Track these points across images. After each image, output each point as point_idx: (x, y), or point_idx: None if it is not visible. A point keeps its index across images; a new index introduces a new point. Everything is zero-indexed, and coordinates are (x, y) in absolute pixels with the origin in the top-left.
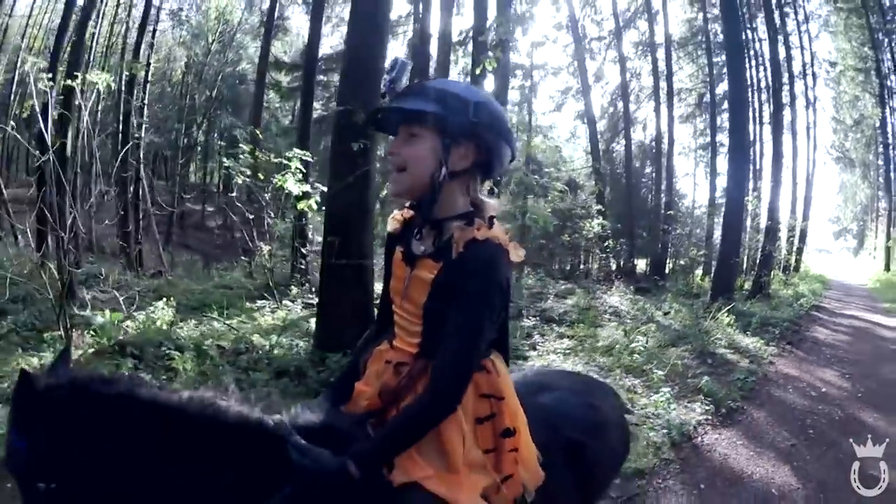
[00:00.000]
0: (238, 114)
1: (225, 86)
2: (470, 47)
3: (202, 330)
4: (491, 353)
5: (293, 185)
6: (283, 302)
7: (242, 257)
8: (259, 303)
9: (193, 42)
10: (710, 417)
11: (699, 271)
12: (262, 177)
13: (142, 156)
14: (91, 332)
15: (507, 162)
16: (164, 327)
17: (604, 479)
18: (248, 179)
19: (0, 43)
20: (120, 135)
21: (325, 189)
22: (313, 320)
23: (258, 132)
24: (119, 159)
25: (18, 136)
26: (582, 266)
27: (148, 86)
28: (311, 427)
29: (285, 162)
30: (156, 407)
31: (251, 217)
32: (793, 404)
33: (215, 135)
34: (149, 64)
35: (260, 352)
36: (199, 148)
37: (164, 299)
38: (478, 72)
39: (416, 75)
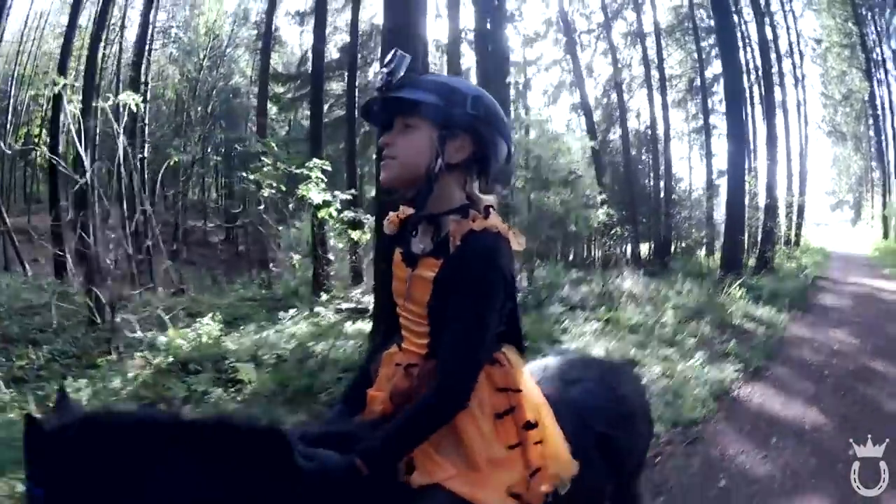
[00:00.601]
0: (233, 127)
1: (219, 100)
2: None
3: (243, 342)
4: (502, 347)
5: (316, 195)
6: (315, 309)
7: (269, 268)
8: (290, 311)
9: (186, 59)
10: (741, 375)
11: (701, 252)
12: (283, 188)
13: (146, 175)
14: (139, 353)
15: (504, 158)
16: (210, 341)
17: (636, 465)
18: (272, 191)
19: None
20: (119, 156)
21: (343, 197)
22: (348, 324)
23: (274, 144)
24: (119, 178)
25: (59, 161)
26: (588, 254)
27: (147, 105)
28: (325, 436)
29: (306, 172)
30: (164, 431)
31: (279, 228)
32: (810, 360)
33: (209, 150)
34: (146, 83)
35: (321, 356)
36: (194, 165)
37: (210, 314)
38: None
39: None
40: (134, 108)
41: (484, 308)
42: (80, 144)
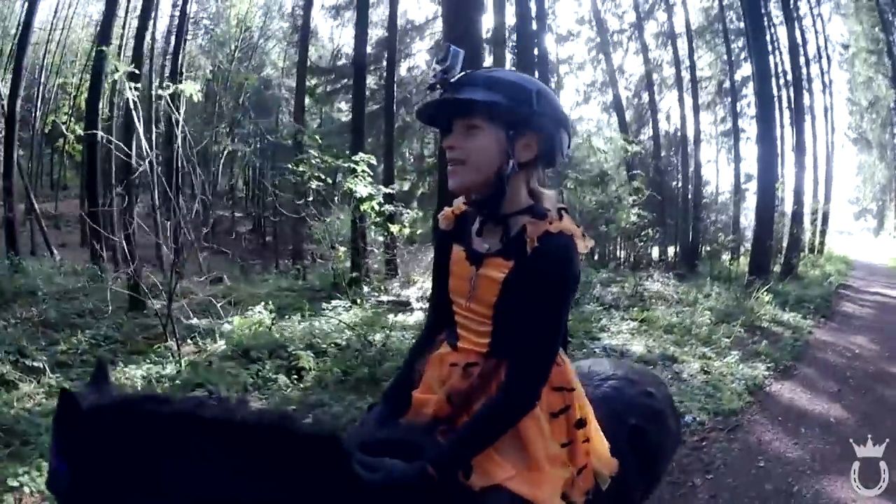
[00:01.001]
0: (264, 119)
1: (250, 91)
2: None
3: (295, 331)
4: None
5: (363, 188)
6: (358, 300)
7: (303, 259)
8: (333, 302)
9: (217, 49)
10: (771, 373)
11: (726, 256)
12: (330, 180)
13: (181, 164)
14: (191, 339)
15: (566, 150)
16: (262, 329)
17: (665, 463)
18: (320, 184)
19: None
20: (178, 145)
21: (386, 191)
22: (391, 316)
23: (318, 137)
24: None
25: (120, 142)
26: (616, 255)
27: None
28: (378, 442)
29: (352, 165)
30: (210, 427)
31: (325, 220)
32: (834, 362)
33: (237, 140)
34: (181, 73)
35: (382, 345)
36: (224, 155)
37: (262, 303)
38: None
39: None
40: (196, 99)
41: (558, 311)
42: (141, 131)
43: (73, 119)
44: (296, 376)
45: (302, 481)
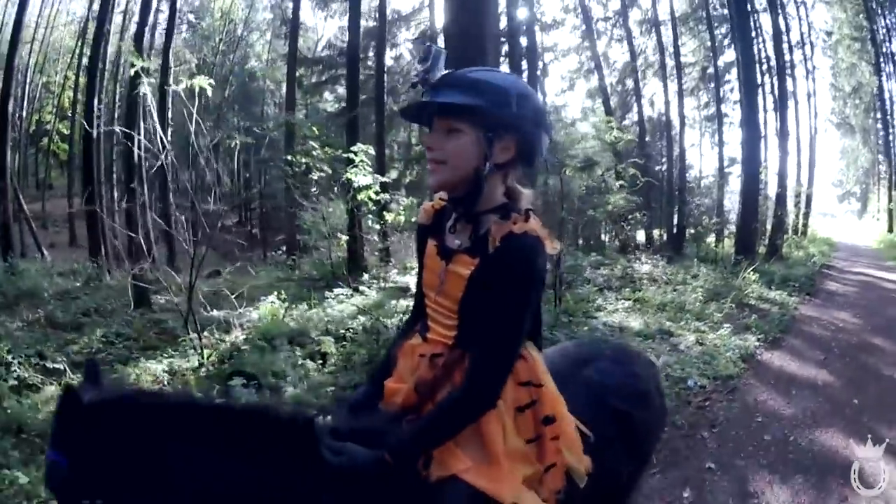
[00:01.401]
0: (249, 111)
1: (236, 84)
2: None
3: (308, 318)
4: (525, 342)
5: (363, 178)
6: (360, 288)
7: (297, 250)
8: (336, 290)
9: (203, 43)
10: (762, 344)
11: (711, 238)
12: (330, 170)
13: (172, 160)
14: (207, 332)
15: (545, 150)
16: (276, 318)
17: (654, 441)
18: (322, 174)
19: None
20: (193, 141)
21: (382, 180)
22: (393, 301)
23: (316, 129)
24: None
25: (144, 143)
26: (603, 238)
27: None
28: (354, 432)
29: (351, 156)
30: (197, 416)
31: (324, 208)
32: (819, 335)
33: (223, 134)
34: (169, 67)
35: (397, 328)
36: (215, 148)
37: (276, 293)
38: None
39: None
40: (209, 93)
41: (520, 309)
42: (158, 126)
43: (57, 118)
44: (320, 361)
45: (277, 462)
